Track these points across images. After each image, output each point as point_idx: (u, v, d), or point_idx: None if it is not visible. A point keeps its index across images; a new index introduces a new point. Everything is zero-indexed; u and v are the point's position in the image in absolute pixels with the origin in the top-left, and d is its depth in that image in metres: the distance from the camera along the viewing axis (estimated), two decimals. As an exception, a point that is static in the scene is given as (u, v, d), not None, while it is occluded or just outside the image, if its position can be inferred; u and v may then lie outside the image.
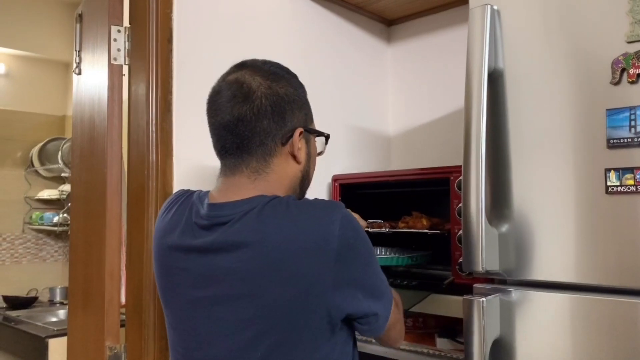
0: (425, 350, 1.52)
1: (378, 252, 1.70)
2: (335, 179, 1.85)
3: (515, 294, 1.02)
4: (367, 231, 1.43)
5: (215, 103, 0.96)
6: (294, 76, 1.04)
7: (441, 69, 2.05)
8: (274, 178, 0.96)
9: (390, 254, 1.68)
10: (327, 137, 1.12)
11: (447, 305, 1.49)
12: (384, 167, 2.15)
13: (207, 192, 1.01)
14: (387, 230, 1.68)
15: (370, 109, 2.14)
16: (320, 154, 1.12)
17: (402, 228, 1.68)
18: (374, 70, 2.16)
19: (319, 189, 1.87)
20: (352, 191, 1.88)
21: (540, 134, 1.01)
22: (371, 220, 1.73)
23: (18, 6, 3.52)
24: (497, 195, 1.05)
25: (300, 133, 0.99)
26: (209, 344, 0.91)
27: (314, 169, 1.08)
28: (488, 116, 1.01)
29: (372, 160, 2.11)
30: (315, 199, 0.94)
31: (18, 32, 3.54)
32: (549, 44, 1.02)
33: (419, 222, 1.67)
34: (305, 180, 1.04)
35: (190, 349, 0.95)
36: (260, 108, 0.93)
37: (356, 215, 1.45)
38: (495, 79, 1.06)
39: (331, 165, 1.91)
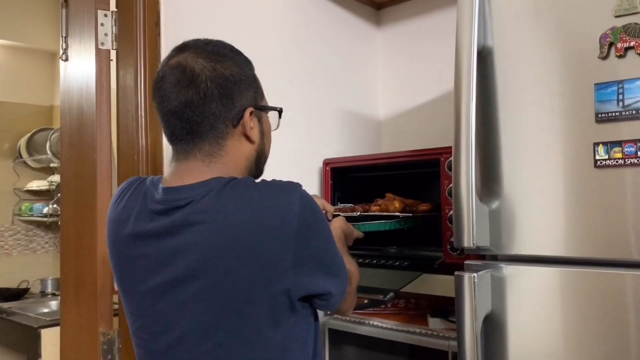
0: (417, 330, 1.53)
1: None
2: (326, 162, 1.86)
3: (506, 269, 1.03)
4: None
5: (161, 89, 0.94)
6: (239, 54, 1.01)
7: (431, 52, 2.05)
8: (229, 160, 0.96)
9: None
10: (280, 112, 1.10)
11: (439, 284, 1.51)
12: (375, 150, 2.15)
13: (160, 177, 0.99)
14: (358, 214, 1.66)
15: (361, 92, 2.14)
16: (275, 129, 1.10)
17: (374, 211, 1.67)
18: (364, 53, 2.16)
19: (310, 173, 1.87)
20: (344, 175, 1.89)
21: (529, 110, 1.02)
22: (341, 205, 1.73)
23: (2, -5, 3.48)
24: (487, 171, 1.06)
25: (251, 113, 0.97)
26: (174, 326, 0.90)
27: (269, 146, 1.07)
28: (478, 93, 1.01)
29: (362, 143, 2.11)
30: (273, 180, 0.94)
31: (3, 21, 3.50)
32: (538, 20, 1.02)
33: (391, 204, 1.64)
34: (261, 158, 1.04)
35: (155, 334, 0.93)
36: (206, 92, 0.91)
37: (323, 201, 1.48)
38: (485, 57, 1.06)
39: (322, 149, 1.91)
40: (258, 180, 0.94)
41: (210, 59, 0.93)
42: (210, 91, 0.91)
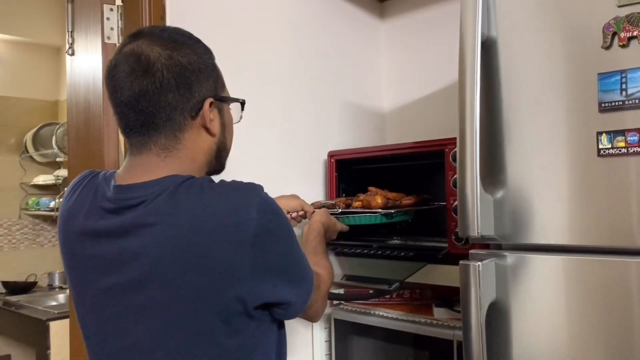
0: (422, 320, 1.55)
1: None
2: (331, 155, 1.87)
3: (511, 257, 1.04)
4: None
5: (113, 79, 0.88)
6: (197, 41, 0.94)
7: (435, 43, 2.05)
8: (186, 154, 0.90)
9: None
10: (242, 104, 1.03)
11: (444, 275, 1.52)
12: (379, 142, 2.16)
13: (114, 172, 0.94)
14: (340, 210, 1.63)
15: (364, 85, 2.14)
16: (237, 122, 1.04)
17: (356, 207, 1.64)
18: (368, 46, 2.16)
19: (315, 166, 1.88)
20: (349, 167, 1.90)
21: (533, 100, 1.03)
22: (322, 201, 1.72)
23: (6, -10, 3.49)
24: (492, 161, 1.07)
25: (211, 104, 0.92)
26: (125, 333, 0.85)
27: (231, 139, 1.02)
28: (482, 83, 1.02)
29: (367, 135, 2.12)
30: (233, 181, 0.88)
31: (8, 17, 3.51)
32: (541, 10, 1.03)
33: (372, 199, 1.60)
34: (222, 152, 0.98)
35: (107, 339, 0.88)
36: (162, 81, 0.86)
37: (302, 201, 1.43)
38: (489, 47, 1.07)
39: (327, 141, 1.92)
40: (217, 181, 0.89)
41: (167, 47, 0.87)
42: (166, 80, 0.86)
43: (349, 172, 1.90)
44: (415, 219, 1.76)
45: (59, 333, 2.67)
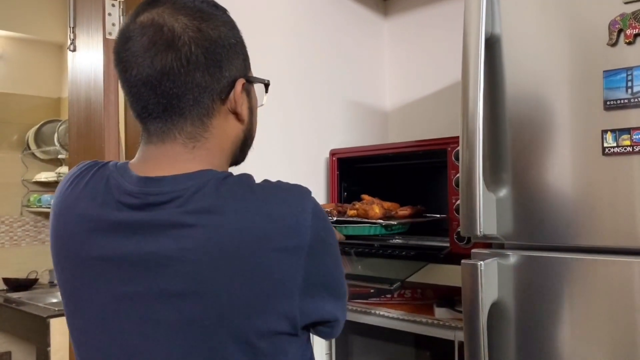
0: (423, 320, 1.53)
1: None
2: (333, 153, 1.86)
3: (513, 257, 1.03)
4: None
5: (127, 53, 0.74)
6: (225, 12, 0.81)
7: (438, 41, 2.04)
8: (214, 144, 0.79)
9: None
10: (267, 85, 0.89)
11: (445, 274, 1.51)
12: (382, 141, 2.15)
13: (126, 163, 0.80)
14: (334, 219, 1.60)
15: (368, 83, 2.13)
16: (261, 105, 0.90)
17: (351, 216, 1.61)
18: (371, 44, 2.15)
19: (317, 164, 1.87)
20: (351, 165, 1.89)
21: (537, 98, 1.02)
22: None
23: (9, -13, 3.49)
24: (495, 160, 1.06)
25: (243, 85, 0.80)
26: (142, 352, 0.71)
27: (256, 126, 0.90)
28: (485, 81, 1.01)
29: (369, 134, 2.11)
30: (279, 181, 0.77)
31: (11, 13, 3.51)
32: (546, 7, 1.02)
33: (370, 209, 1.58)
34: (247, 140, 0.86)
35: (108, 357, 0.74)
36: (189, 58, 0.73)
37: None
38: (492, 44, 1.06)
39: (329, 139, 1.91)
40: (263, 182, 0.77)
41: (194, 17, 0.74)
42: (194, 57, 0.73)
43: (351, 170, 1.90)
44: (396, 232, 1.75)
45: (60, 330, 2.67)
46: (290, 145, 1.77)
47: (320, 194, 1.86)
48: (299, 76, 1.82)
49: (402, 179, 1.86)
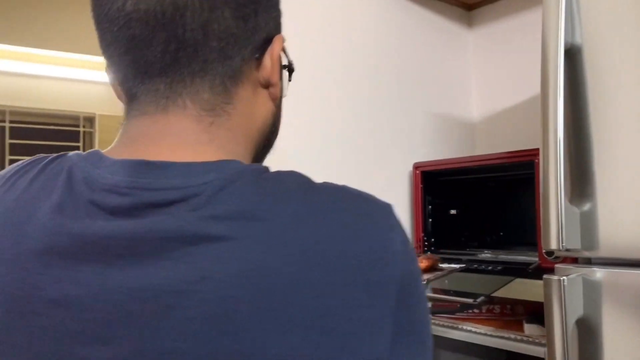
0: (512, 336, 1.49)
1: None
2: (416, 166, 1.86)
3: (600, 273, 0.99)
4: None
5: None
6: None
7: (524, 51, 2.00)
8: (238, 123, 0.53)
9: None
10: (292, 71, 0.61)
11: (535, 290, 1.47)
12: (469, 153, 2.12)
13: (96, 150, 0.50)
14: None
15: (452, 95, 2.12)
16: (284, 96, 0.62)
17: None
18: (456, 55, 2.14)
19: (400, 177, 1.89)
20: (435, 178, 1.88)
21: (622, 111, 0.98)
22: None
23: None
24: (578, 173, 1.03)
25: (283, 46, 0.57)
26: None
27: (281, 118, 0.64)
28: (566, 92, 0.99)
29: (455, 146, 2.09)
30: (345, 186, 0.50)
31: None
32: (628, 17, 0.98)
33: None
34: (275, 129, 0.61)
35: None
36: None
37: None
38: (573, 55, 1.03)
39: (412, 152, 1.92)
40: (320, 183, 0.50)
41: None
42: None
43: (435, 184, 1.89)
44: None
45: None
46: (373, 159, 1.80)
47: (404, 208, 1.87)
48: (382, 89, 1.86)
49: (487, 191, 1.83)
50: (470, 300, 1.33)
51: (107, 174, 0.46)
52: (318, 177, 0.51)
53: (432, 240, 1.82)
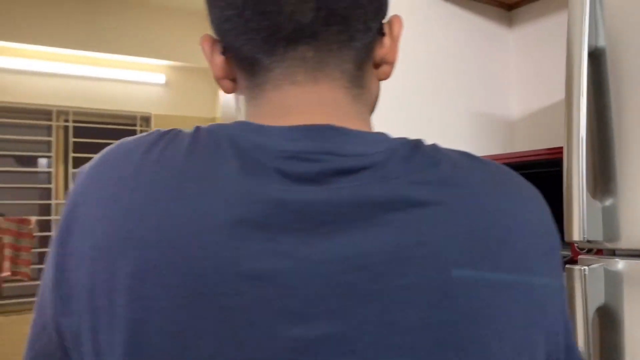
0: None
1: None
2: (455, 163, 1.92)
3: (621, 263, 1.04)
4: None
5: None
6: None
7: (564, 49, 2.02)
8: (367, 99, 0.52)
9: None
10: None
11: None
12: (507, 150, 2.16)
13: (245, 122, 0.46)
14: None
15: (492, 93, 2.17)
16: None
17: None
18: (495, 55, 2.18)
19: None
20: (473, 175, 1.94)
21: (644, 107, 1.03)
22: None
23: (173, 24, 4.02)
24: (602, 171, 1.08)
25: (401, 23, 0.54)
26: None
27: None
28: (590, 93, 1.05)
29: (494, 144, 2.14)
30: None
31: (174, 45, 4.04)
32: (652, 18, 1.03)
33: None
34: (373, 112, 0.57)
35: None
36: None
37: None
38: (597, 57, 1.09)
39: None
40: None
41: None
42: None
43: (474, 180, 1.94)
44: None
45: None
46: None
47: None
48: (421, 89, 1.93)
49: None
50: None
51: (282, 142, 0.43)
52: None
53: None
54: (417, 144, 0.47)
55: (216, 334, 0.37)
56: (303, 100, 0.47)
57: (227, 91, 0.53)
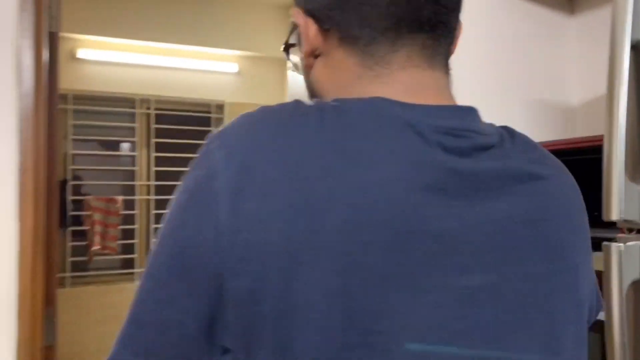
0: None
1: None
2: (511, 149, 1.98)
3: (658, 242, 1.11)
4: None
5: None
6: None
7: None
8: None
9: None
10: None
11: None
12: (567, 136, 2.20)
13: (385, 99, 0.50)
14: None
15: (553, 81, 2.20)
16: None
17: None
18: (557, 43, 2.21)
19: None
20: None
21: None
22: None
23: (245, 16, 4.23)
24: (642, 154, 1.15)
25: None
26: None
27: None
28: (631, 84, 1.11)
29: (554, 130, 2.18)
30: None
31: (246, 36, 4.25)
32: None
33: None
34: None
35: None
36: None
37: None
38: (640, 49, 1.15)
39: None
40: None
41: None
42: None
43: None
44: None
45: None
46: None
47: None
48: (482, 78, 2.00)
49: (585, 173, 1.90)
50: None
51: (436, 119, 0.50)
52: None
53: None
54: (508, 129, 0.58)
55: (407, 277, 0.44)
56: (426, 83, 0.55)
57: (309, 67, 0.60)
